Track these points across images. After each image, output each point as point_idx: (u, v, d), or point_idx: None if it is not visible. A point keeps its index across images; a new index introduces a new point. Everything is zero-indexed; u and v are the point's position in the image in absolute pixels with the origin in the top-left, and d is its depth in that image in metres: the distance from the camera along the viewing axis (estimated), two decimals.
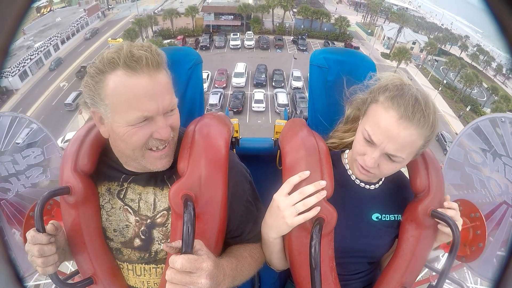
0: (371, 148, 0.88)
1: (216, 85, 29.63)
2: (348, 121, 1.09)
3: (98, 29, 38.52)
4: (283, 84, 29.88)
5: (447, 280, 0.94)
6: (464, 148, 1.57)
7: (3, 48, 0.50)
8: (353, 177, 1.03)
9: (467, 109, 29.91)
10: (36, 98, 26.60)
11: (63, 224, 0.94)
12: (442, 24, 43.10)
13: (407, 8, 46.96)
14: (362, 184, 1.02)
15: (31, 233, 0.82)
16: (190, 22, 38.44)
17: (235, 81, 30.50)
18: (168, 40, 34.58)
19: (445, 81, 34.15)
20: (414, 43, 37.65)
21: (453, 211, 0.92)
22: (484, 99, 32.47)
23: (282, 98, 26.96)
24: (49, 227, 0.85)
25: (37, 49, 30.52)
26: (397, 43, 37.50)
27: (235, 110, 25.97)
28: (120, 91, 0.77)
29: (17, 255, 1.13)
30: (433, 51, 36.68)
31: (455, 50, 39.84)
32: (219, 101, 26.42)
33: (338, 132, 1.12)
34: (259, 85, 30.49)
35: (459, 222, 0.91)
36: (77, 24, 37.44)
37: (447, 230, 0.93)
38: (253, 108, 26.55)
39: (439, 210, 0.93)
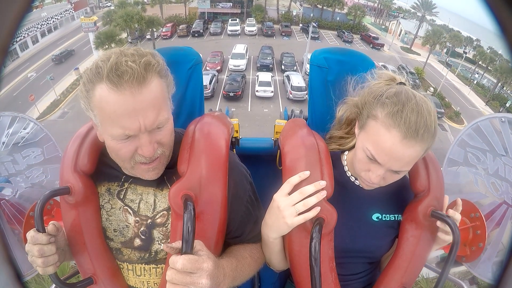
0: (375, 165, 0.86)
1: (207, 68, 23.36)
2: (342, 124, 1.08)
3: None
4: (295, 68, 24.53)
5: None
6: (464, 148, 1.57)
7: (3, 48, 0.50)
8: (352, 179, 1.03)
9: (507, 105, 28.17)
10: None
11: (63, 224, 0.94)
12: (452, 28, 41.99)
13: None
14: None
15: (31, 234, 0.82)
16: (183, 12, 34.15)
17: (233, 63, 23.85)
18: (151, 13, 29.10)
19: (468, 77, 32.47)
20: None
21: (451, 211, 0.92)
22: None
23: (298, 79, 20.81)
24: (50, 227, 0.85)
25: None
26: (417, 37, 34.95)
27: (231, 94, 19.78)
28: (104, 106, 0.75)
29: (17, 255, 1.13)
30: (459, 44, 34.65)
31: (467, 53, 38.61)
32: (210, 83, 20.26)
33: (335, 137, 1.10)
34: (264, 68, 24.23)
35: (457, 220, 0.91)
36: (61, 17, 33.79)
37: (448, 229, 0.93)
38: (257, 93, 20.63)
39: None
